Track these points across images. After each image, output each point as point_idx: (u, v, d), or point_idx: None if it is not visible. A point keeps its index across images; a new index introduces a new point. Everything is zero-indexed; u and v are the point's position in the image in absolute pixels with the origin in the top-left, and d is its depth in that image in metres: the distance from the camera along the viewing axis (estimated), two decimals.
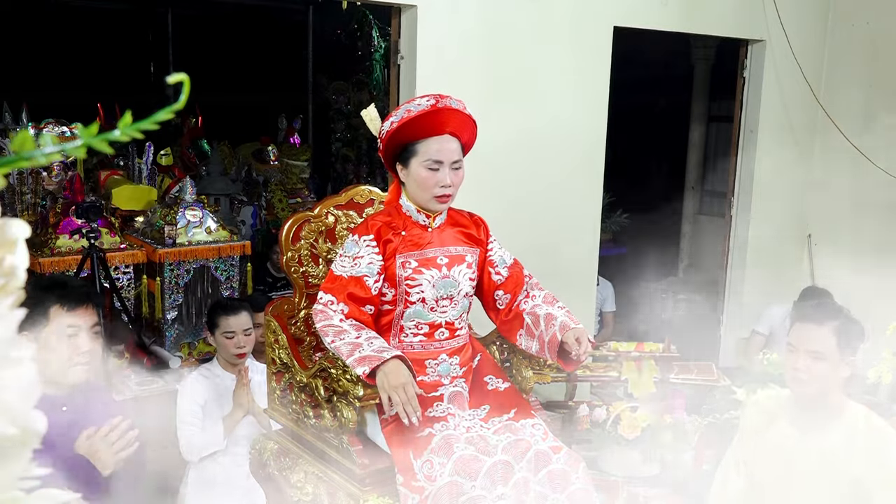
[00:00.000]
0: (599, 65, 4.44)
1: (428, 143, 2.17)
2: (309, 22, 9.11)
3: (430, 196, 2.19)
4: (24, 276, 0.58)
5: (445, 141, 2.18)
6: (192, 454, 3.00)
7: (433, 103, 2.15)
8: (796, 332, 2.35)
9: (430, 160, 2.16)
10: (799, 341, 2.32)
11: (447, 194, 2.19)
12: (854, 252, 5.30)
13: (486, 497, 2.00)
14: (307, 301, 2.45)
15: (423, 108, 2.15)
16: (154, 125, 0.57)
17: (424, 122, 2.15)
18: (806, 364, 2.28)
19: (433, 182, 2.17)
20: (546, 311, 2.22)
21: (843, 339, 2.29)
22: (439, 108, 2.15)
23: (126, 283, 4.24)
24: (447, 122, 2.17)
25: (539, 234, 4.26)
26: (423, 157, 2.17)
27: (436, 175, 2.17)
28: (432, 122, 2.16)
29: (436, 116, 2.15)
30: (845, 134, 5.18)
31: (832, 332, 2.28)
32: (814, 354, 2.27)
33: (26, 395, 0.56)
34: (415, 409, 1.96)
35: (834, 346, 2.28)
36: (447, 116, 2.17)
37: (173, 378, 3.75)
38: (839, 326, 2.29)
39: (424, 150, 2.17)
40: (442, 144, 2.17)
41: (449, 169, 2.18)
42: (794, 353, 2.33)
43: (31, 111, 4.82)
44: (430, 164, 2.17)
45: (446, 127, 2.17)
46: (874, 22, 5.20)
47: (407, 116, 2.16)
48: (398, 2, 3.79)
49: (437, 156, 2.16)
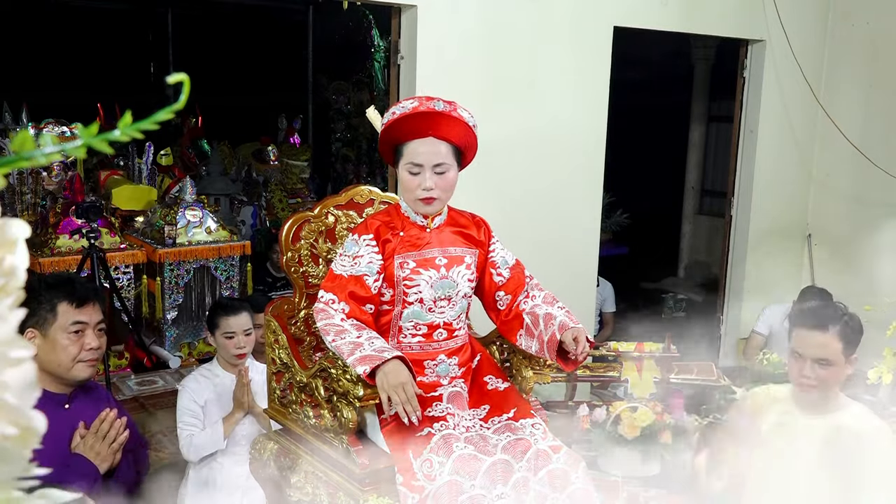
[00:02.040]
0: (599, 65, 4.44)
1: (411, 145, 2.16)
2: (309, 22, 9.12)
3: (413, 198, 2.19)
4: (24, 276, 0.58)
5: (428, 144, 2.15)
6: (192, 454, 3.00)
7: (416, 105, 2.15)
8: (801, 340, 2.32)
9: (410, 163, 2.16)
10: (805, 349, 2.29)
11: (429, 197, 2.18)
12: (854, 252, 5.31)
13: (485, 496, 2.00)
14: (307, 301, 2.45)
15: (406, 110, 2.15)
16: (154, 125, 0.57)
17: (408, 124, 2.15)
18: (814, 371, 2.27)
19: (415, 185, 2.17)
20: (545, 311, 2.22)
21: (848, 341, 2.28)
22: (421, 110, 2.14)
23: (126, 283, 4.24)
24: (431, 126, 2.15)
25: (539, 233, 4.26)
26: (406, 159, 2.17)
27: (415, 178, 2.16)
28: (416, 124, 2.15)
29: (419, 119, 2.14)
30: (845, 134, 5.18)
31: (838, 337, 2.27)
32: (822, 362, 2.26)
33: (26, 395, 0.56)
34: (414, 408, 1.97)
35: (840, 351, 2.27)
36: (431, 119, 2.14)
37: (173, 378, 3.75)
38: (843, 329, 2.27)
39: (407, 152, 2.17)
40: (423, 147, 2.15)
41: (430, 172, 2.15)
42: (801, 361, 2.30)
43: (31, 111, 4.83)
44: (410, 166, 2.16)
45: (430, 130, 2.15)
46: (874, 22, 5.21)
47: (391, 119, 2.17)
48: (398, 2, 3.79)
49: (416, 158, 2.15)
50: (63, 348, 2.11)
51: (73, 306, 2.13)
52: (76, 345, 2.12)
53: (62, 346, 2.11)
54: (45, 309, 2.10)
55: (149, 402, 4.17)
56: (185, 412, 3.01)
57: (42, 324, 2.10)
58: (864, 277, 5.04)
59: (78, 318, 2.14)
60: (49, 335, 2.10)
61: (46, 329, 2.10)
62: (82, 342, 2.14)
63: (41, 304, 2.10)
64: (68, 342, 2.11)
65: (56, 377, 2.14)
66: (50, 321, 2.11)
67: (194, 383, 3.07)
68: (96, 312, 2.19)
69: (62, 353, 2.11)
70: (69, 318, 2.12)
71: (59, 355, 2.11)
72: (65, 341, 2.11)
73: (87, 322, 2.16)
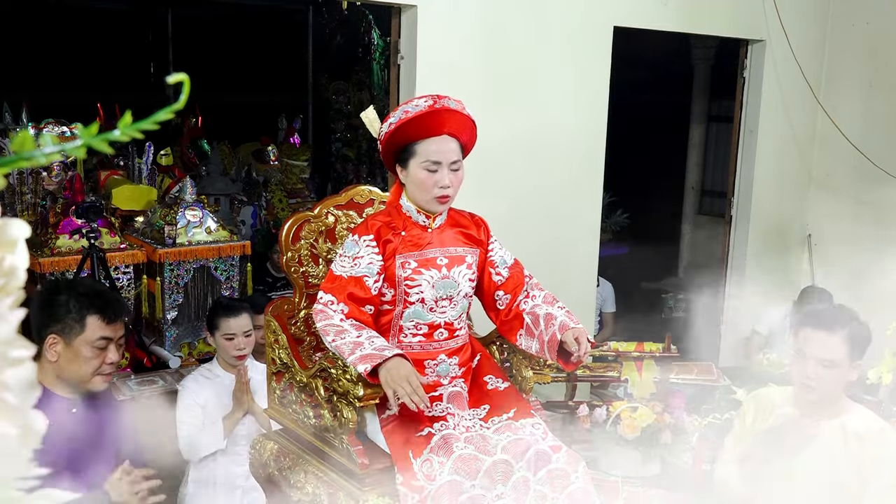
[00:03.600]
0: (599, 65, 4.44)
1: (426, 143, 2.16)
2: (309, 22, 9.11)
3: (430, 197, 2.19)
4: (24, 276, 0.58)
5: (444, 142, 2.17)
6: (192, 454, 3.00)
7: (431, 104, 2.15)
8: (807, 340, 2.29)
9: (428, 161, 2.16)
10: (810, 349, 2.27)
11: (446, 195, 2.19)
12: (854, 252, 5.31)
13: (485, 496, 2.00)
14: (307, 301, 2.45)
15: (420, 108, 2.15)
16: (154, 125, 0.57)
17: (422, 122, 2.15)
18: (816, 372, 2.24)
19: (432, 183, 2.17)
20: (546, 310, 2.22)
21: (854, 346, 2.25)
22: (437, 108, 2.14)
23: (126, 283, 4.24)
24: (445, 123, 2.17)
25: (539, 234, 4.26)
26: (422, 158, 2.17)
27: (434, 176, 2.17)
28: (430, 122, 2.15)
29: (434, 117, 2.15)
30: (845, 134, 5.18)
31: (844, 341, 2.24)
32: (825, 363, 2.24)
33: (26, 395, 0.56)
34: (421, 397, 1.96)
35: (846, 354, 2.24)
36: (445, 117, 2.16)
37: (173, 378, 3.75)
38: (850, 333, 2.25)
39: (423, 151, 2.17)
40: (440, 145, 2.17)
41: (447, 170, 2.17)
42: (804, 361, 2.27)
43: (31, 111, 4.82)
44: (428, 164, 2.16)
45: (444, 127, 2.17)
46: (874, 22, 5.21)
47: (405, 117, 2.15)
48: (398, 2, 3.79)
49: (435, 157, 2.16)
50: (86, 360, 2.11)
51: (103, 321, 2.13)
52: (98, 359, 2.13)
53: (85, 358, 2.11)
54: (72, 318, 2.09)
55: (149, 402, 4.16)
56: (185, 412, 3.01)
57: (67, 332, 2.09)
58: (864, 277, 5.05)
59: (105, 334, 2.14)
60: (73, 345, 2.09)
61: (71, 339, 2.09)
62: (104, 356, 2.14)
63: (69, 312, 2.09)
64: (91, 355, 2.11)
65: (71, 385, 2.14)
66: (77, 332, 2.10)
67: (194, 383, 3.07)
68: (121, 328, 2.20)
69: (84, 365, 2.11)
70: (97, 332, 2.12)
71: (81, 367, 2.11)
72: (88, 354, 2.11)
73: (112, 338, 2.16)
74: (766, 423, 2.44)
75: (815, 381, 2.25)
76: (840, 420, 2.31)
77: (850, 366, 2.26)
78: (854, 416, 2.31)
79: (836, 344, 2.24)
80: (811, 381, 2.26)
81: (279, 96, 8.78)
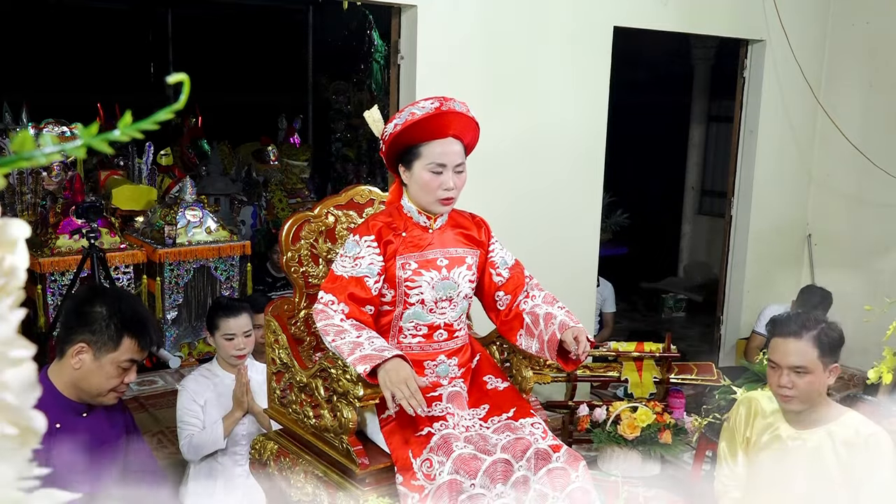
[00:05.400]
0: (599, 65, 4.44)
1: (431, 146, 2.17)
2: (309, 22, 9.12)
3: (434, 199, 2.19)
4: (24, 276, 0.58)
5: (449, 144, 2.17)
6: (192, 454, 3.00)
7: (437, 106, 2.15)
8: (775, 349, 2.29)
9: (433, 163, 2.16)
10: (779, 358, 2.26)
11: (450, 197, 2.19)
12: (854, 252, 5.31)
13: (485, 496, 2.00)
14: (307, 301, 2.45)
15: (427, 111, 2.14)
16: (154, 125, 0.57)
17: (428, 124, 2.15)
18: (790, 380, 2.24)
19: (436, 185, 2.17)
20: (546, 310, 2.22)
21: (824, 349, 2.24)
22: (443, 111, 2.14)
23: (126, 283, 4.24)
24: (450, 125, 2.17)
25: (539, 233, 4.26)
26: (427, 160, 2.17)
27: (439, 178, 2.17)
28: (436, 125, 2.15)
29: (439, 119, 2.15)
30: (845, 134, 5.18)
31: (812, 344, 2.23)
32: (797, 370, 2.23)
33: (26, 395, 0.56)
34: (419, 402, 1.96)
35: (815, 358, 2.23)
36: (450, 119, 2.16)
37: (173, 378, 3.75)
38: (818, 336, 2.24)
39: (428, 153, 2.17)
40: (445, 147, 2.17)
41: (452, 172, 2.17)
42: (777, 371, 2.27)
43: (31, 111, 4.83)
44: (433, 167, 2.16)
45: (449, 130, 2.17)
46: (874, 22, 5.21)
47: (411, 119, 2.15)
48: (398, 2, 3.79)
49: (440, 159, 2.16)
50: (108, 377, 2.13)
51: (137, 346, 2.16)
52: (119, 378, 2.15)
53: (108, 374, 2.13)
54: (109, 335, 2.11)
55: (149, 402, 4.17)
56: (185, 412, 3.01)
57: (99, 346, 2.11)
58: (864, 277, 5.05)
59: (135, 357, 2.17)
60: (101, 360, 2.12)
61: (102, 354, 2.11)
62: (125, 376, 2.17)
63: (108, 328, 2.11)
64: (115, 374, 2.14)
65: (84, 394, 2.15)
66: (109, 348, 2.12)
67: (194, 383, 3.07)
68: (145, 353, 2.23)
69: (105, 381, 2.13)
70: (128, 355, 2.15)
71: (102, 382, 2.13)
72: (113, 372, 2.13)
73: (138, 360, 2.20)
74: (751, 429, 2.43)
75: (791, 389, 2.24)
76: (827, 427, 2.28)
77: (825, 370, 2.25)
78: (843, 422, 2.28)
79: (803, 349, 2.23)
80: (786, 390, 2.25)
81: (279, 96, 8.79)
